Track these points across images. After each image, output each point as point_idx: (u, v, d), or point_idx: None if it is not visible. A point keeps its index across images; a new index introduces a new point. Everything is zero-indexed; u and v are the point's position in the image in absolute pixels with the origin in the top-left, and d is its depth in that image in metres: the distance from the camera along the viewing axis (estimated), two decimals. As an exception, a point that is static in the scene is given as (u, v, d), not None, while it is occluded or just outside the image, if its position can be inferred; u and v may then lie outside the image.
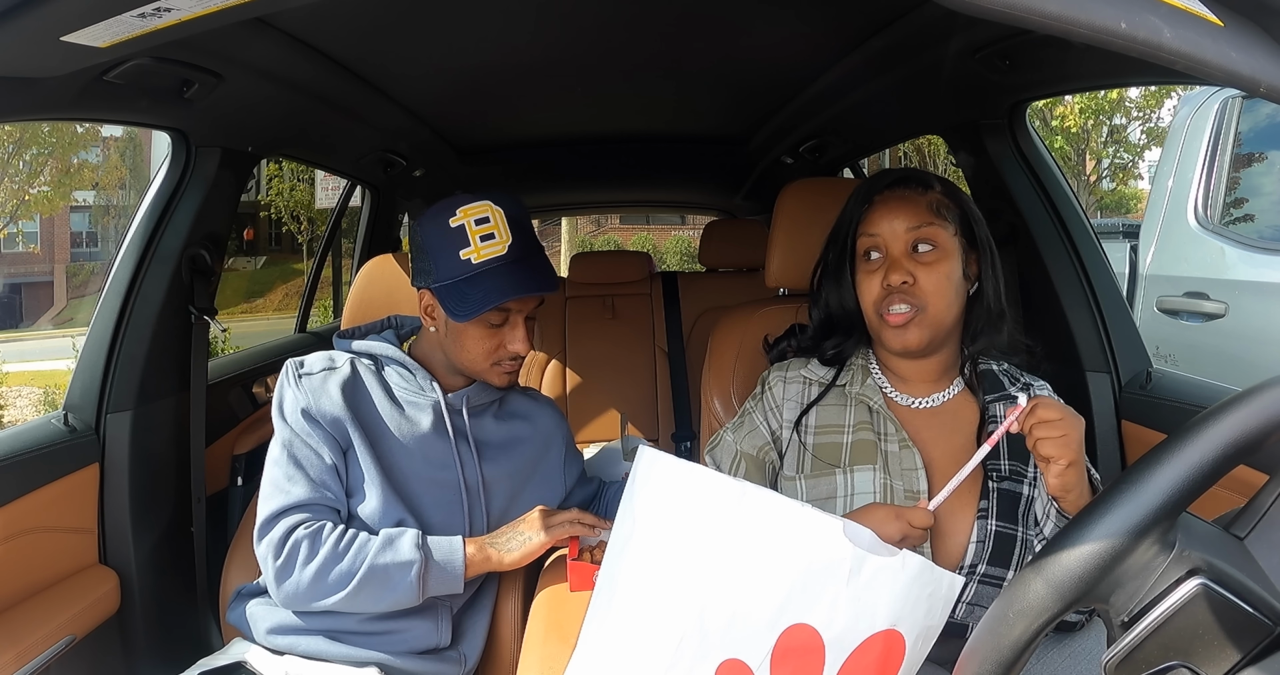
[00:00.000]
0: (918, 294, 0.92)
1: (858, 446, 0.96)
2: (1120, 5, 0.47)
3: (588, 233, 15.79)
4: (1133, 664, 0.43)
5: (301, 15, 1.13)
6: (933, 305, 0.92)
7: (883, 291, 0.94)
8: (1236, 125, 2.43)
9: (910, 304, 0.92)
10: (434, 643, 1.09)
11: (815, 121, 1.89)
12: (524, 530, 1.08)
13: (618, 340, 2.38)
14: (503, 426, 1.18)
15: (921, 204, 0.95)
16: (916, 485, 0.92)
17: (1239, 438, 0.41)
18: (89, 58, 0.72)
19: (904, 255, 0.94)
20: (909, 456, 0.93)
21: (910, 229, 0.94)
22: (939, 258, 0.93)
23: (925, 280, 0.92)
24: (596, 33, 1.40)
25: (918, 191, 0.96)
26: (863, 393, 0.99)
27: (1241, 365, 2.12)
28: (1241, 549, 0.44)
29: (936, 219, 0.94)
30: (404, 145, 2.03)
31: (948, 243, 0.94)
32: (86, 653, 1.18)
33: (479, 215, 1.04)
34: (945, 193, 0.97)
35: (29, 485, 1.13)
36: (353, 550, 0.99)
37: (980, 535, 0.90)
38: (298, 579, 0.99)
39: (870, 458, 0.94)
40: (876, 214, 0.96)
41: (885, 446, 0.94)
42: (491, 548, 1.06)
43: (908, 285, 0.92)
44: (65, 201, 11.91)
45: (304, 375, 1.08)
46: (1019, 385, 0.99)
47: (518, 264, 1.04)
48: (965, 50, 1.18)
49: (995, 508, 0.90)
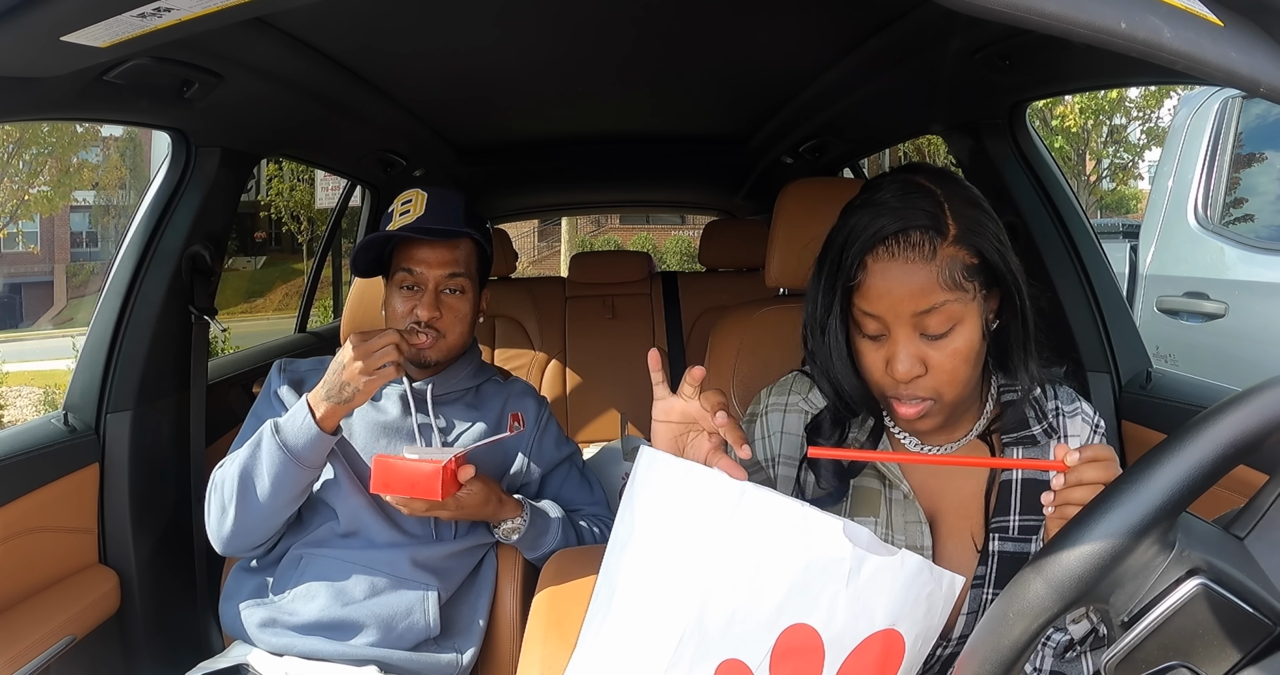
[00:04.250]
0: (929, 384, 0.75)
1: (859, 493, 0.85)
2: (1120, 5, 0.47)
3: (588, 233, 15.80)
4: (1133, 664, 0.43)
5: (301, 15, 1.13)
6: (949, 393, 0.76)
7: (888, 377, 0.77)
8: (1236, 125, 2.43)
9: (920, 397, 0.76)
10: (424, 633, 1.10)
11: (815, 121, 1.89)
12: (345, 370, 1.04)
13: (618, 340, 2.38)
14: (471, 411, 1.22)
15: (930, 275, 0.72)
16: (920, 541, 0.82)
17: (1239, 438, 0.41)
18: (89, 58, 0.72)
19: (911, 339, 0.74)
20: (912, 509, 0.83)
21: (918, 313, 0.73)
22: (954, 334, 0.74)
23: (938, 366, 0.74)
24: (597, 33, 1.40)
25: (924, 254, 0.73)
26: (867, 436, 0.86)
27: (1241, 365, 2.12)
28: (1241, 549, 0.44)
29: (950, 292, 0.72)
30: (404, 145, 2.04)
31: (965, 314, 0.74)
32: (86, 653, 1.18)
33: (405, 198, 1.17)
34: (960, 238, 0.73)
35: (29, 485, 1.13)
36: (236, 465, 1.07)
37: (973, 607, 0.81)
38: (217, 519, 1.09)
39: (873, 508, 0.84)
40: (874, 286, 0.74)
41: (890, 494, 0.84)
42: (322, 385, 1.05)
43: (919, 378, 0.75)
44: (65, 201, 11.91)
45: (287, 368, 1.20)
46: (1044, 425, 0.83)
47: (420, 228, 1.13)
48: (965, 50, 1.18)
49: (994, 574, 0.81)
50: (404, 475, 0.99)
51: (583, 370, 2.35)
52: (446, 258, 1.14)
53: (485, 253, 1.23)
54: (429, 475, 0.98)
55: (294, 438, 1.04)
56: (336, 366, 1.04)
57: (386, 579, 1.10)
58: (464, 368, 1.23)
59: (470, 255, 1.19)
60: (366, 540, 1.13)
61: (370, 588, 1.09)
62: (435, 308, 1.14)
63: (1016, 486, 0.82)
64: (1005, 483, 0.82)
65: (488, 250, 1.23)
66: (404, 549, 1.12)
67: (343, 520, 1.13)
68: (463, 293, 1.17)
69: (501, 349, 2.34)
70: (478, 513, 1.11)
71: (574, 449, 1.31)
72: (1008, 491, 0.82)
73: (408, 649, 1.08)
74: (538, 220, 13.49)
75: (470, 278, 1.18)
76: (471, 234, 1.17)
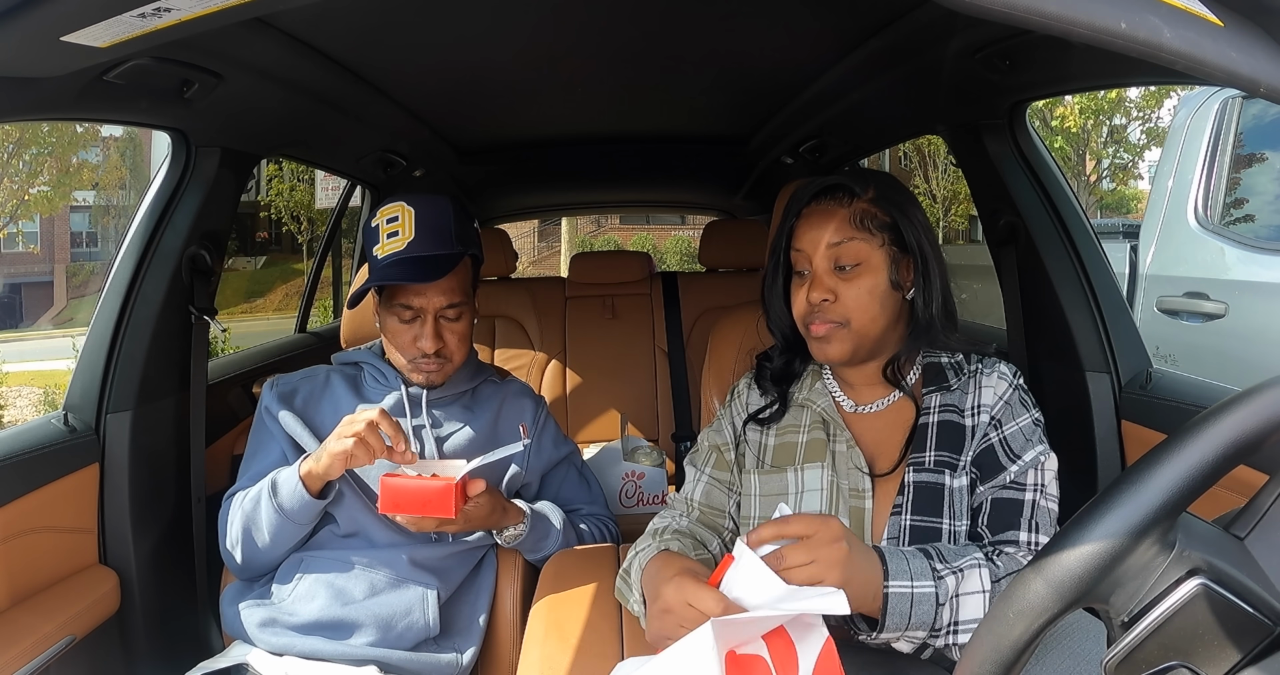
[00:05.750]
0: (839, 310, 0.93)
1: (810, 446, 0.98)
2: (1120, 5, 0.47)
3: (588, 233, 15.80)
4: (1133, 664, 0.43)
5: (301, 15, 1.13)
6: (855, 320, 0.93)
7: (807, 307, 0.94)
8: (1236, 125, 2.43)
9: (831, 320, 0.93)
10: (424, 633, 1.10)
11: (815, 121, 1.89)
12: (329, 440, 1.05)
13: (618, 340, 2.38)
14: (467, 413, 1.21)
15: (844, 217, 0.93)
16: (861, 483, 0.93)
17: (1239, 438, 0.41)
18: (89, 58, 0.72)
19: (827, 272, 0.93)
20: (855, 455, 0.95)
21: (831, 245, 0.93)
22: (860, 272, 0.93)
23: (846, 296, 0.92)
24: (597, 33, 1.40)
25: (842, 203, 0.94)
26: (809, 397, 1.01)
27: (1241, 365, 2.12)
28: (1241, 549, 0.44)
29: (859, 232, 0.92)
30: (404, 145, 2.04)
31: (871, 255, 0.93)
32: (86, 653, 1.18)
33: (390, 215, 1.13)
34: (875, 199, 0.94)
35: (29, 485, 1.13)
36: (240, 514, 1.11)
37: (894, 531, 0.91)
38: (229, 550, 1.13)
39: (820, 456, 0.97)
40: (802, 228, 0.96)
41: (834, 446, 0.97)
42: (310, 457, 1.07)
43: (828, 303, 0.93)
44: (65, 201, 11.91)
45: (278, 384, 1.20)
46: (963, 377, 0.98)
47: (413, 259, 1.10)
48: (965, 50, 1.18)
49: (910, 502, 0.91)
50: (415, 496, 0.98)
51: (583, 370, 2.35)
52: (443, 288, 1.12)
53: (478, 258, 1.21)
54: (441, 494, 0.97)
55: (287, 502, 1.07)
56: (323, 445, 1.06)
57: (386, 579, 1.10)
58: (461, 370, 1.22)
59: (466, 275, 1.16)
60: (366, 540, 1.13)
61: (370, 587, 1.09)
62: (438, 337, 1.12)
63: (932, 428, 0.95)
64: (921, 426, 0.95)
65: (479, 255, 1.21)
66: (403, 549, 1.12)
67: (342, 524, 1.13)
68: (460, 317, 1.15)
69: (501, 349, 2.34)
70: (483, 523, 1.11)
71: (572, 448, 1.31)
72: (924, 434, 0.95)
73: (407, 649, 1.08)
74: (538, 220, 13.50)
75: (467, 299, 1.16)
76: (465, 252, 1.14)
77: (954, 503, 0.91)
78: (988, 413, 0.94)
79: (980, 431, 0.94)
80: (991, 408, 0.94)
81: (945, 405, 0.96)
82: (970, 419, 0.95)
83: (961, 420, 0.95)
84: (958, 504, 0.91)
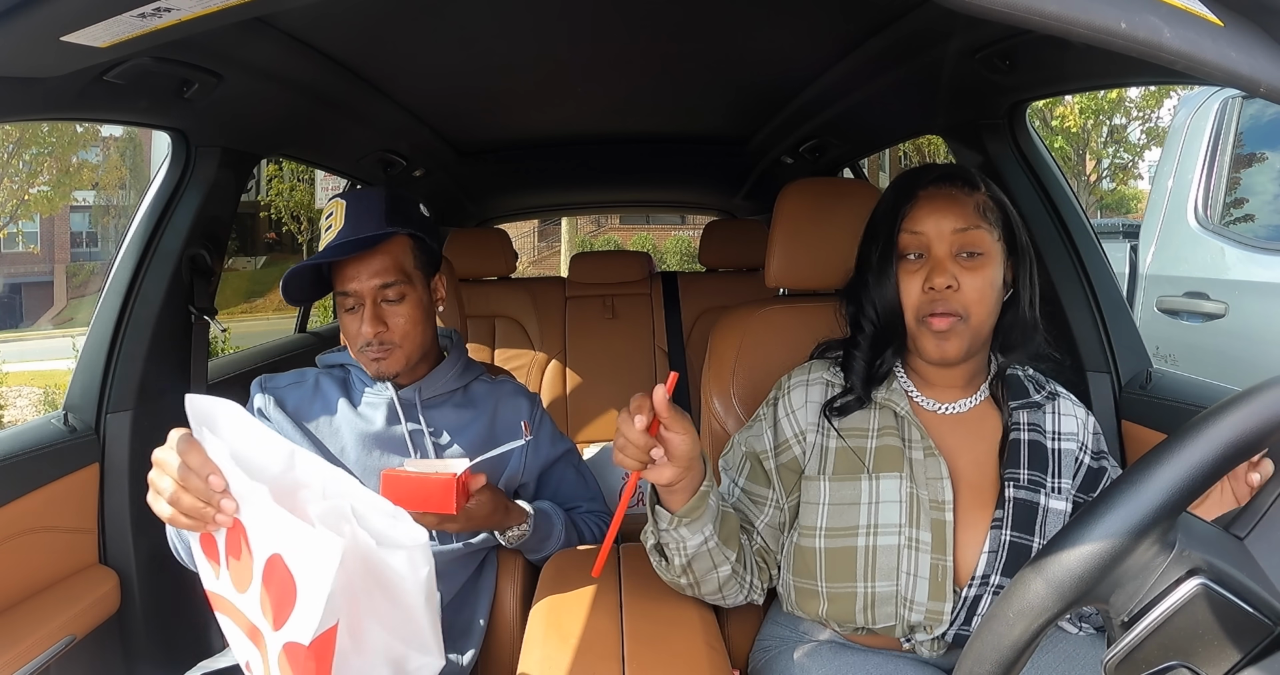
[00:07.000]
0: (961, 301, 0.88)
1: (882, 452, 0.93)
2: (1120, 5, 0.47)
3: (588, 233, 15.80)
4: (1133, 664, 0.43)
5: (301, 15, 1.13)
6: (975, 314, 0.88)
7: (925, 295, 0.89)
8: (1236, 125, 2.43)
9: (953, 312, 0.88)
10: None
11: (815, 122, 1.89)
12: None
13: (618, 340, 2.38)
14: (461, 412, 1.20)
15: (969, 205, 0.89)
16: (942, 495, 0.89)
17: (1239, 438, 0.41)
18: (89, 58, 0.72)
19: (948, 257, 0.89)
20: (934, 465, 0.91)
21: (957, 231, 0.88)
22: (983, 263, 0.89)
23: (969, 286, 0.88)
24: (597, 33, 1.39)
25: (965, 190, 0.91)
26: (888, 397, 0.95)
27: (1241, 365, 2.12)
28: (1241, 549, 0.44)
29: (983, 222, 0.89)
30: (404, 145, 2.03)
31: (992, 247, 0.89)
32: (86, 653, 1.18)
33: (328, 212, 1.14)
34: (992, 194, 0.92)
35: (29, 485, 1.13)
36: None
37: (994, 545, 0.89)
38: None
39: (896, 465, 0.92)
40: (922, 211, 0.90)
41: (911, 453, 0.92)
42: None
43: (951, 290, 0.88)
44: (65, 201, 11.91)
45: (268, 385, 1.17)
46: (1044, 393, 0.97)
47: (341, 244, 1.10)
48: (965, 50, 1.18)
49: (1010, 518, 0.89)
50: (416, 490, 0.96)
51: (583, 370, 2.35)
52: (374, 268, 1.09)
53: (425, 243, 1.17)
54: (443, 487, 0.95)
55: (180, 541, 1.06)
56: None
57: None
58: (449, 369, 1.20)
59: (403, 253, 1.13)
60: None
61: None
62: (378, 322, 1.09)
63: (1024, 445, 0.93)
64: (1014, 441, 0.93)
65: (427, 240, 1.18)
66: None
67: None
68: (402, 298, 1.11)
69: (501, 349, 2.35)
70: (485, 523, 1.09)
71: (569, 445, 1.31)
72: (1017, 449, 0.93)
73: None
74: (538, 220, 13.50)
75: (407, 278, 1.12)
76: (396, 231, 1.11)
77: (1045, 523, 0.90)
78: (1074, 441, 0.95)
79: (1072, 456, 0.94)
80: (1078, 436, 0.95)
81: (1032, 424, 0.94)
82: (1051, 442, 0.94)
83: (1045, 441, 0.94)
84: (1049, 525, 0.90)
